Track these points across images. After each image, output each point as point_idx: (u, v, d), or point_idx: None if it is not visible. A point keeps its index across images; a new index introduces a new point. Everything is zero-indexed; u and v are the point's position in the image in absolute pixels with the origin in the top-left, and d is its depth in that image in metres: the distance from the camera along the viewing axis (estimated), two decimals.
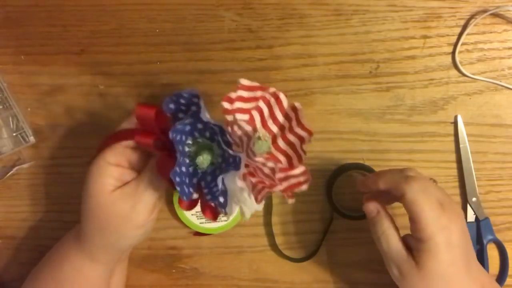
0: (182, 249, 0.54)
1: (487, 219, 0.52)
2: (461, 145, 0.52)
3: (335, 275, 0.54)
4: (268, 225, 0.53)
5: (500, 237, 0.53)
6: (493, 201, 0.53)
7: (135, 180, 0.42)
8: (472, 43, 0.52)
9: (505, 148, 0.53)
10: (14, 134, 0.51)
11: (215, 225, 0.53)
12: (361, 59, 0.52)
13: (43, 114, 0.52)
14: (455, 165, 0.53)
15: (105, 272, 0.45)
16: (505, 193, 0.53)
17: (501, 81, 0.52)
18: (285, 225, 0.53)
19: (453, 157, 0.53)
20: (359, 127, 0.53)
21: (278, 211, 0.53)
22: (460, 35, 0.52)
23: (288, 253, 0.53)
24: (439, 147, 0.53)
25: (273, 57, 0.52)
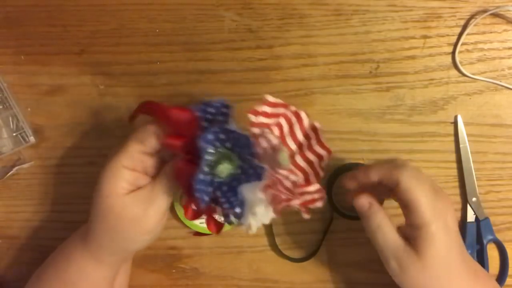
0: (182, 249, 0.54)
1: (487, 219, 0.52)
2: (461, 145, 0.52)
3: (335, 275, 0.54)
4: (268, 225, 0.53)
5: (500, 237, 0.53)
6: (493, 201, 0.53)
7: (149, 185, 0.42)
8: (472, 43, 0.52)
9: (505, 148, 0.53)
10: (14, 134, 0.51)
11: None
12: (361, 59, 0.52)
13: (43, 114, 0.52)
14: (455, 165, 0.53)
15: (110, 273, 0.45)
16: (505, 193, 0.53)
17: (501, 81, 0.52)
18: (285, 225, 0.53)
19: (453, 157, 0.53)
20: (359, 127, 0.53)
21: None
22: (460, 35, 0.52)
23: (288, 253, 0.53)
24: (439, 147, 0.53)
25: (273, 57, 0.52)
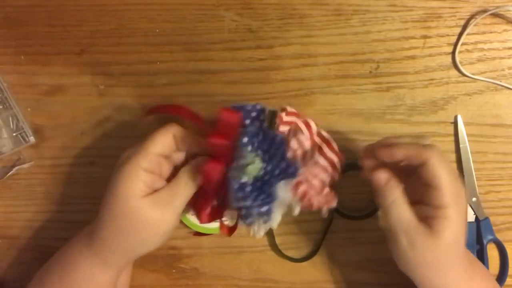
0: (182, 249, 0.54)
1: (487, 219, 0.52)
2: (461, 145, 0.52)
3: (335, 275, 0.54)
4: None
5: (500, 237, 0.53)
6: (493, 201, 0.53)
7: (167, 188, 0.42)
8: (472, 43, 0.52)
9: (505, 148, 0.53)
10: (14, 134, 0.51)
11: (215, 225, 0.53)
12: (361, 59, 0.52)
13: (43, 114, 0.52)
14: (455, 165, 0.53)
15: (116, 276, 0.45)
16: (505, 193, 0.53)
17: (501, 81, 0.52)
18: (285, 225, 0.53)
19: (453, 157, 0.53)
20: (359, 127, 0.53)
21: None
22: (460, 35, 0.52)
23: (288, 253, 0.53)
24: (439, 147, 0.53)
25: (273, 57, 0.52)
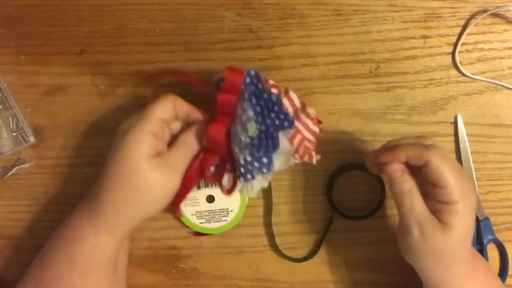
0: (182, 249, 0.54)
1: (487, 219, 0.52)
2: (461, 145, 0.52)
3: (335, 275, 0.54)
4: (268, 225, 0.53)
5: (500, 237, 0.53)
6: (493, 201, 0.53)
7: (171, 151, 0.43)
8: (472, 43, 0.52)
9: (505, 148, 0.53)
10: (14, 134, 0.51)
11: (215, 225, 0.53)
12: (361, 59, 0.52)
13: (43, 114, 0.52)
14: None
15: (118, 247, 0.44)
16: (505, 193, 0.53)
17: (501, 81, 0.52)
18: (285, 225, 0.53)
19: (453, 157, 0.53)
20: (359, 127, 0.53)
21: (278, 211, 0.53)
22: (460, 35, 0.52)
23: (288, 253, 0.53)
24: (442, 146, 0.53)
25: (273, 57, 0.52)
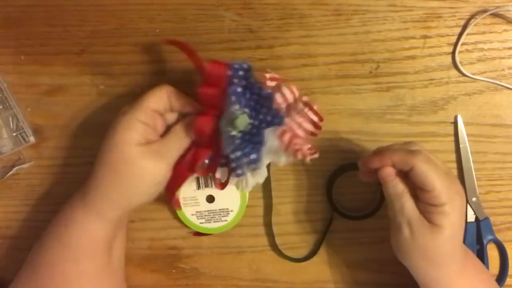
0: (182, 249, 0.54)
1: (487, 219, 0.52)
2: (461, 145, 0.52)
3: (335, 275, 0.54)
4: (268, 225, 0.53)
5: (500, 237, 0.53)
6: (493, 201, 0.53)
7: (161, 140, 0.44)
8: (472, 43, 0.52)
9: (505, 148, 0.53)
10: (14, 134, 0.51)
11: (215, 225, 0.53)
12: (361, 59, 0.52)
13: (43, 114, 0.52)
14: (455, 165, 0.53)
15: (110, 232, 0.45)
16: (505, 193, 0.53)
17: (501, 81, 0.52)
18: (285, 225, 0.53)
19: (453, 157, 0.53)
20: (359, 127, 0.53)
21: (278, 211, 0.53)
22: (460, 35, 0.52)
23: (288, 253, 0.53)
24: (439, 147, 0.53)
25: (273, 57, 0.52)
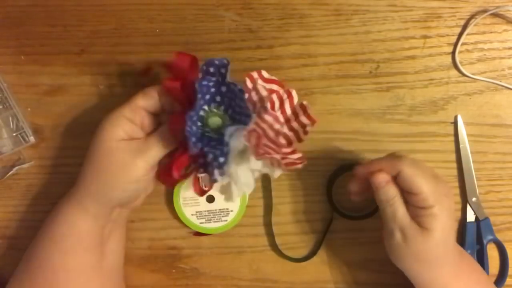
0: (182, 249, 0.54)
1: (487, 219, 0.52)
2: (461, 145, 0.52)
3: (335, 275, 0.54)
4: (268, 225, 0.53)
5: (500, 237, 0.53)
6: (493, 201, 0.53)
7: (143, 139, 0.44)
8: (472, 43, 0.52)
9: (505, 148, 0.53)
10: (14, 134, 0.51)
11: (215, 225, 0.53)
12: (361, 59, 0.52)
13: (43, 114, 0.52)
14: (455, 165, 0.53)
15: (94, 226, 0.45)
16: (505, 193, 0.53)
17: (501, 81, 0.52)
18: (285, 225, 0.53)
19: (453, 157, 0.53)
20: (359, 127, 0.53)
21: (278, 211, 0.53)
22: (460, 35, 0.52)
23: (288, 253, 0.53)
24: (439, 147, 0.53)
25: (273, 57, 0.52)
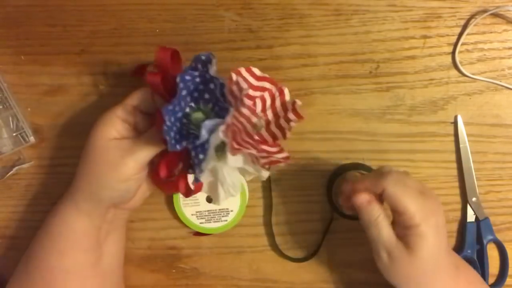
0: (182, 249, 0.54)
1: (487, 219, 0.52)
2: (461, 145, 0.52)
3: (335, 275, 0.54)
4: (268, 225, 0.53)
5: (500, 237, 0.53)
6: (493, 201, 0.53)
7: (134, 139, 0.44)
8: (472, 43, 0.52)
9: (505, 148, 0.53)
10: (14, 134, 0.51)
11: (215, 225, 0.53)
12: (361, 59, 0.52)
13: (43, 114, 0.52)
14: (455, 165, 0.53)
15: (90, 226, 0.45)
16: (505, 193, 0.53)
17: (501, 81, 0.52)
18: (285, 225, 0.53)
19: (453, 157, 0.53)
20: (359, 127, 0.53)
21: (278, 211, 0.53)
22: (460, 35, 0.52)
23: (288, 253, 0.53)
24: (439, 147, 0.53)
25: (273, 57, 0.52)
